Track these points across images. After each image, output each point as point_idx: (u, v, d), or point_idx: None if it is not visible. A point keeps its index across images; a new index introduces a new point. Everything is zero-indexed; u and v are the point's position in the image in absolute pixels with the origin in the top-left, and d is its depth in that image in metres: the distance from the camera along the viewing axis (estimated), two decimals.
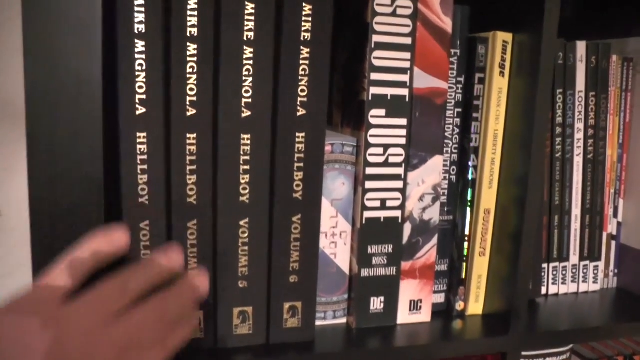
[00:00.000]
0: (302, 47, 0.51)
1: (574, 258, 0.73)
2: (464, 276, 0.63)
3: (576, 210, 0.72)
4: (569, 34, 0.83)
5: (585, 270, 0.74)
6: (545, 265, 0.72)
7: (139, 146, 0.47)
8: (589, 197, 0.72)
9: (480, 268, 0.64)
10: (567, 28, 0.87)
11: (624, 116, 0.73)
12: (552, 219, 0.70)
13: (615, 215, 0.76)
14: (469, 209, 0.62)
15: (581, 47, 0.68)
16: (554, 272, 0.72)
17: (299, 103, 0.51)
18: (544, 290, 0.72)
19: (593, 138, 0.71)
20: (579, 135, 0.70)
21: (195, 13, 0.48)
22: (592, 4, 0.87)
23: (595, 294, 0.75)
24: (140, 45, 0.47)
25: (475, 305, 0.65)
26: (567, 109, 0.69)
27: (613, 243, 0.76)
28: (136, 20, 0.46)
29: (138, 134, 0.47)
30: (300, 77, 0.51)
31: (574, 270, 0.74)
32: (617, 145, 0.74)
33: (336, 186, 0.56)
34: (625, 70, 0.72)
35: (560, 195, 0.70)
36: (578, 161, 0.70)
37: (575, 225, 0.72)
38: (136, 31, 0.47)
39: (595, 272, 0.75)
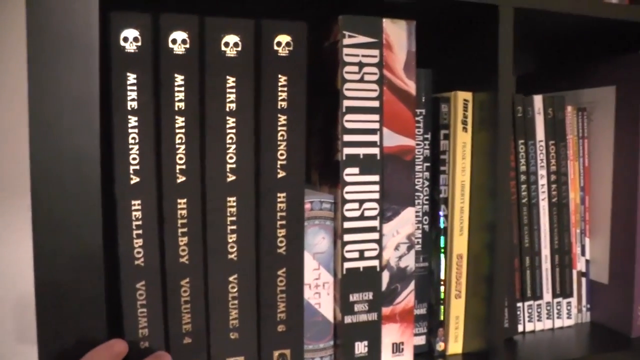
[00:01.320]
0: (279, 115, 0.56)
1: (547, 296, 0.78)
2: (442, 318, 0.68)
3: (545, 251, 0.77)
4: (530, 88, 0.90)
5: (559, 307, 0.79)
6: (520, 304, 0.76)
7: (134, 213, 0.52)
8: (556, 238, 0.77)
9: (457, 310, 0.68)
10: (529, 83, 0.94)
11: (583, 161, 0.79)
12: (523, 260, 0.75)
13: (583, 253, 0.81)
14: (442, 255, 0.67)
15: (538, 100, 0.74)
16: (529, 310, 0.77)
17: (278, 166, 0.56)
18: (520, 328, 0.77)
19: (556, 183, 0.76)
20: (542, 181, 0.75)
21: (182, 89, 0.53)
22: (549, 60, 0.95)
23: (570, 328, 0.80)
24: (133, 120, 0.52)
25: (455, 345, 0.69)
26: (530, 158, 0.74)
27: (583, 280, 0.81)
28: (129, 97, 0.52)
29: (133, 202, 0.52)
30: (279, 142, 0.56)
31: (548, 307, 0.78)
32: (579, 188, 0.79)
33: (317, 240, 0.61)
34: (580, 119, 0.78)
35: (530, 237, 0.75)
36: (544, 205, 0.76)
37: (546, 265, 0.77)
38: (129, 108, 0.52)
39: (569, 308, 0.80)
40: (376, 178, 0.61)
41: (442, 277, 0.67)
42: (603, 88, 0.79)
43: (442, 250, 0.67)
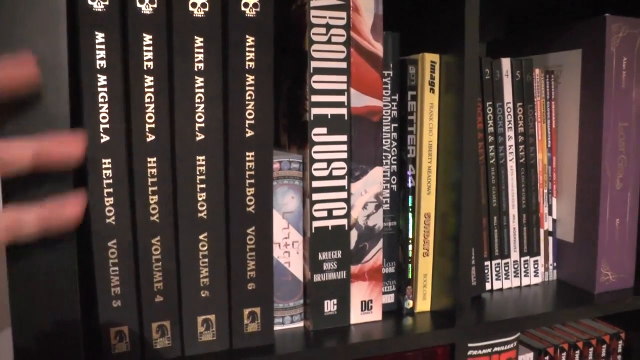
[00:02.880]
0: (247, 75, 0.58)
1: (515, 254, 0.81)
2: (410, 276, 0.70)
3: (513, 211, 0.79)
4: (500, 53, 0.92)
5: (526, 265, 0.82)
6: (488, 263, 0.79)
7: (104, 171, 0.54)
8: (524, 198, 0.80)
9: (425, 268, 0.71)
10: (498, 48, 0.96)
11: (550, 123, 0.82)
12: (491, 220, 0.78)
13: (550, 213, 0.84)
14: (410, 215, 0.69)
15: (506, 63, 0.76)
16: (497, 269, 0.80)
17: (247, 125, 0.58)
18: (488, 286, 0.80)
19: (524, 144, 0.79)
20: (510, 142, 0.78)
21: (150, 48, 0.55)
22: (519, 26, 0.97)
23: (537, 286, 0.83)
24: (102, 79, 0.53)
25: (423, 302, 0.72)
26: (498, 119, 0.76)
27: (550, 239, 0.84)
28: (97, 57, 0.53)
29: (103, 160, 0.54)
30: (247, 102, 0.58)
31: (516, 266, 0.81)
32: (547, 149, 0.82)
33: (286, 200, 0.62)
34: (548, 82, 0.81)
35: (497, 197, 0.78)
36: (511, 165, 0.78)
37: (513, 224, 0.80)
38: (97, 67, 0.53)
39: (536, 266, 0.83)
40: (344, 138, 0.63)
41: (410, 236, 0.70)
42: (570, 52, 0.81)
43: (410, 209, 0.69)
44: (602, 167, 0.77)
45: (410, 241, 0.70)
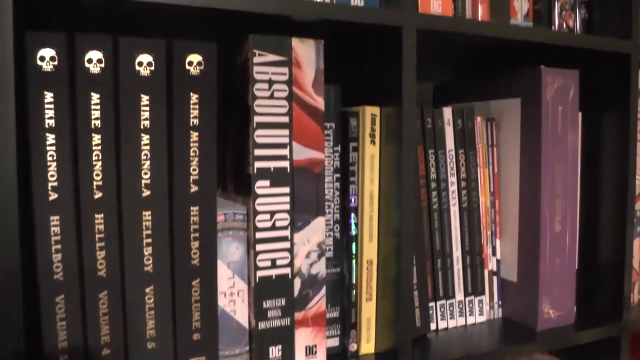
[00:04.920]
0: (191, 132, 0.62)
1: (459, 295, 0.86)
2: (354, 320, 0.75)
3: (457, 253, 0.84)
4: (445, 97, 0.98)
5: (470, 305, 0.87)
6: (432, 304, 0.84)
7: (52, 228, 0.57)
8: (467, 240, 0.85)
9: (368, 312, 0.75)
10: (443, 92, 1.02)
11: (493, 168, 0.87)
12: (435, 262, 0.83)
13: (494, 253, 0.89)
14: (354, 261, 0.74)
15: (447, 112, 0.82)
16: (442, 309, 0.84)
17: (191, 181, 0.62)
18: (434, 326, 0.84)
19: (466, 189, 0.84)
20: (453, 188, 0.83)
21: (98, 107, 0.59)
22: (464, 70, 1.03)
23: (482, 324, 0.88)
24: (50, 138, 0.57)
25: (367, 345, 0.76)
26: (440, 166, 0.82)
27: (495, 278, 0.89)
28: (46, 116, 0.57)
29: (51, 217, 0.57)
30: (191, 158, 0.62)
31: (461, 306, 0.86)
32: (489, 193, 0.87)
33: (231, 250, 0.66)
34: (489, 129, 0.86)
35: (441, 241, 0.83)
36: (454, 210, 0.83)
37: (457, 266, 0.85)
38: (46, 126, 0.57)
39: (480, 305, 0.88)
40: (286, 190, 0.67)
41: (354, 281, 0.74)
42: (510, 99, 0.87)
43: (354, 256, 0.73)
44: (542, 209, 0.83)
45: (353, 286, 0.74)
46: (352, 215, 0.73)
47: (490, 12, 0.82)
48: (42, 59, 0.57)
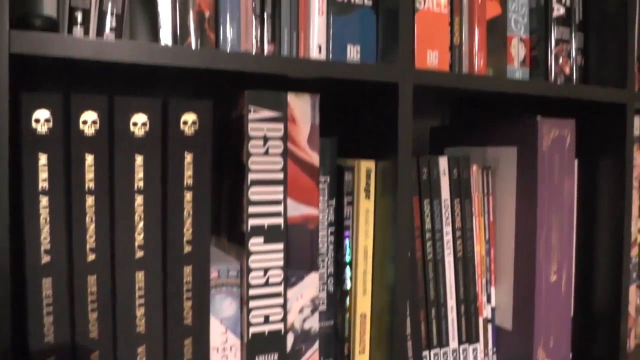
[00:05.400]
0: (185, 192, 0.63)
1: (454, 343, 0.86)
2: None
3: (451, 302, 0.85)
4: (442, 140, 0.98)
5: (465, 353, 0.87)
6: (426, 352, 0.84)
7: (44, 291, 0.58)
8: (462, 289, 0.85)
9: None
10: (441, 135, 1.03)
11: (488, 217, 0.88)
12: (429, 312, 0.83)
13: (489, 301, 0.89)
14: (347, 315, 0.74)
15: (443, 161, 0.82)
16: (436, 358, 0.85)
17: (185, 241, 0.63)
18: None
19: (461, 238, 0.84)
20: (448, 237, 0.83)
21: (92, 168, 0.59)
22: (462, 114, 1.04)
23: None
24: (44, 200, 0.58)
25: None
26: (435, 216, 0.82)
27: (490, 326, 0.90)
28: (40, 178, 0.57)
29: (44, 280, 0.58)
30: (185, 218, 0.63)
31: (455, 354, 0.86)
32: (484, 241, 0.88)
33: (224, 306, 0.67)
34: (485, 178, 0.87)
35: (435, 290, 0.83)
36: (449, 260, 0.84)
37: (452, 315, 0.85)
38: (40, 188, 0.57)
39: (475, 353, 0.88)
40: (280, 246, 0.68)
41: (347, 334, 0.74)
42: (506, 147, 0.87)
43: (347, 310, 0.74)
44: (537, 258, 0.83)
45: (347, 339, 0.74)
46: (347, 269, 0.74)
47: (487, 60, 0.83)
48: (37, 121, 0.57)
